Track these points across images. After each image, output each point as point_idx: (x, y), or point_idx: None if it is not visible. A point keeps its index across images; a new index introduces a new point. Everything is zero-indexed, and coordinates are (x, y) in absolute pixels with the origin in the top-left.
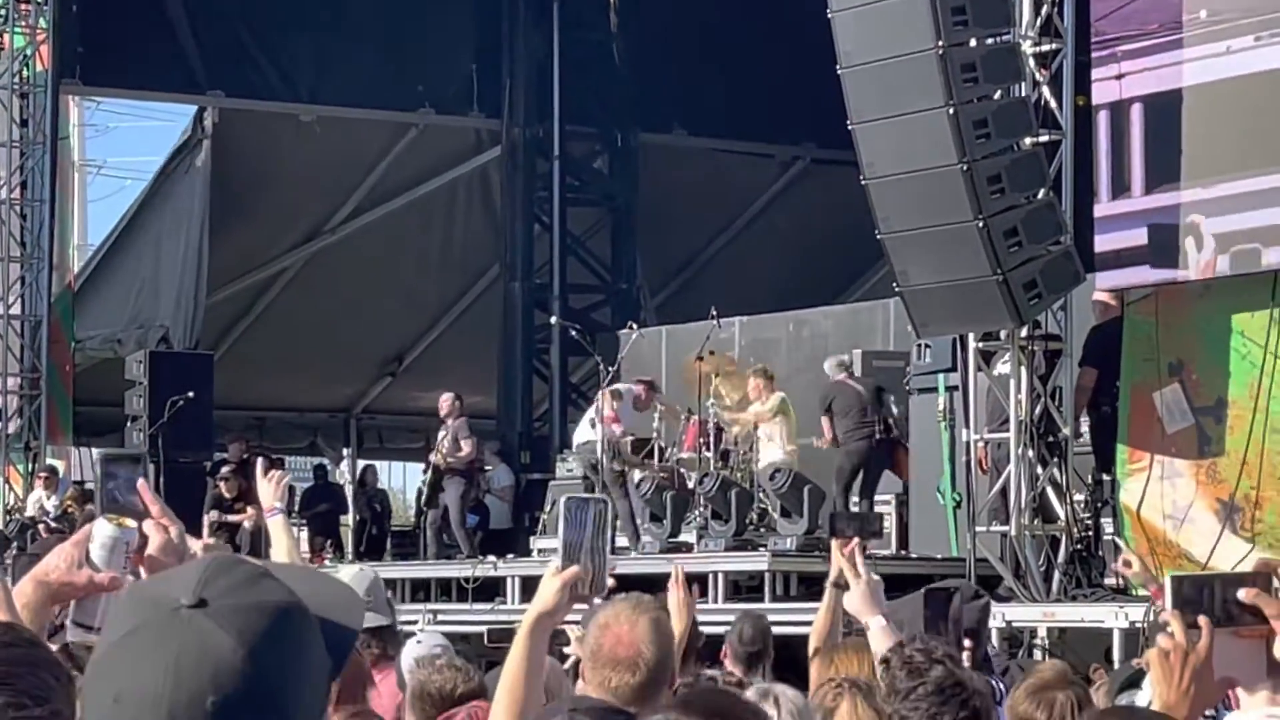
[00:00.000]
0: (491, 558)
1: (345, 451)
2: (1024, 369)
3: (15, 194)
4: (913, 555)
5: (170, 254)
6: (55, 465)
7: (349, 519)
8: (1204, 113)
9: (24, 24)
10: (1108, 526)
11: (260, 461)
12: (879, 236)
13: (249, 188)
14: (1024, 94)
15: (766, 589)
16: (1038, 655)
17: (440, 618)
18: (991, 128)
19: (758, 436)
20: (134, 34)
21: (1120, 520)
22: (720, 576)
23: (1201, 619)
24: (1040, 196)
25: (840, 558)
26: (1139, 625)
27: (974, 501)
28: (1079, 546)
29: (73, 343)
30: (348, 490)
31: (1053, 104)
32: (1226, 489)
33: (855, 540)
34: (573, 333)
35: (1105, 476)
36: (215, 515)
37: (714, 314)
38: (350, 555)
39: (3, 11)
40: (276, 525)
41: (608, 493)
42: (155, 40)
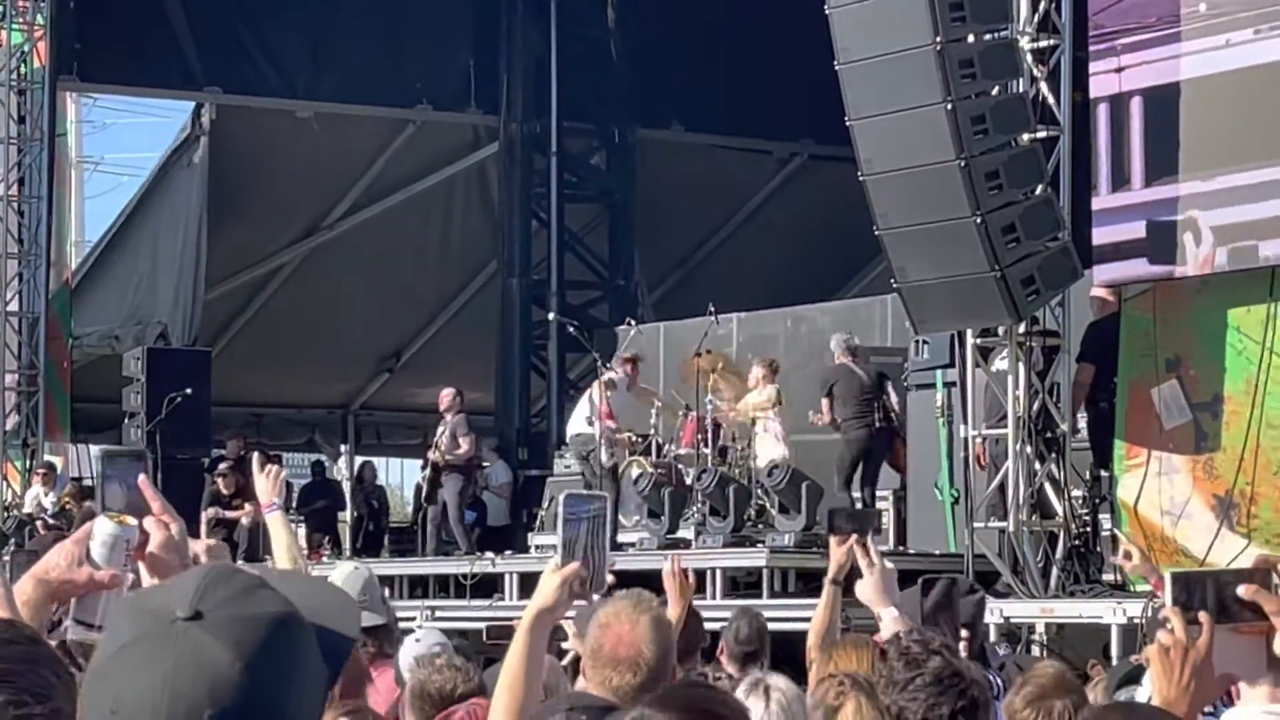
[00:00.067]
0: (489, 554)
1: (343, 448)
2: (1022, 365)
3: (13, 191)
4: (911, 551)
5: (168, 250)
6: (53, 462)
7: (347, 515)
8: (1203, 105)
9: (21, 20)
10: (1105, 522)
11: (256, 456)
12: (877, 232)
13: (246, 184)
14: (1022, 90)
15: (765, 585)
16: (1035, 651)
17: (438, 614)
18: (989, 124)
19: (755, 433)
20: (131, 30)
21: (1118, 516)
22: (718, 573)
23: (1202, 615)
24: (1038, 192)
25: (840, 553)
26: (1137, 621)
27: (972, 497)
28: (1077, 542)
29: (70, 339)
30: (345, 487)
31: (1050, 100)
32: (1223, 485)
33: (854, 537)
34: (570, 329)
35: (1103, 472)
36: (213, 512)
37: (712, 310)
38: (348, 552)
39: (0, 8)
40: (275, 521)
41: (598, 483)
42: (152, 37)
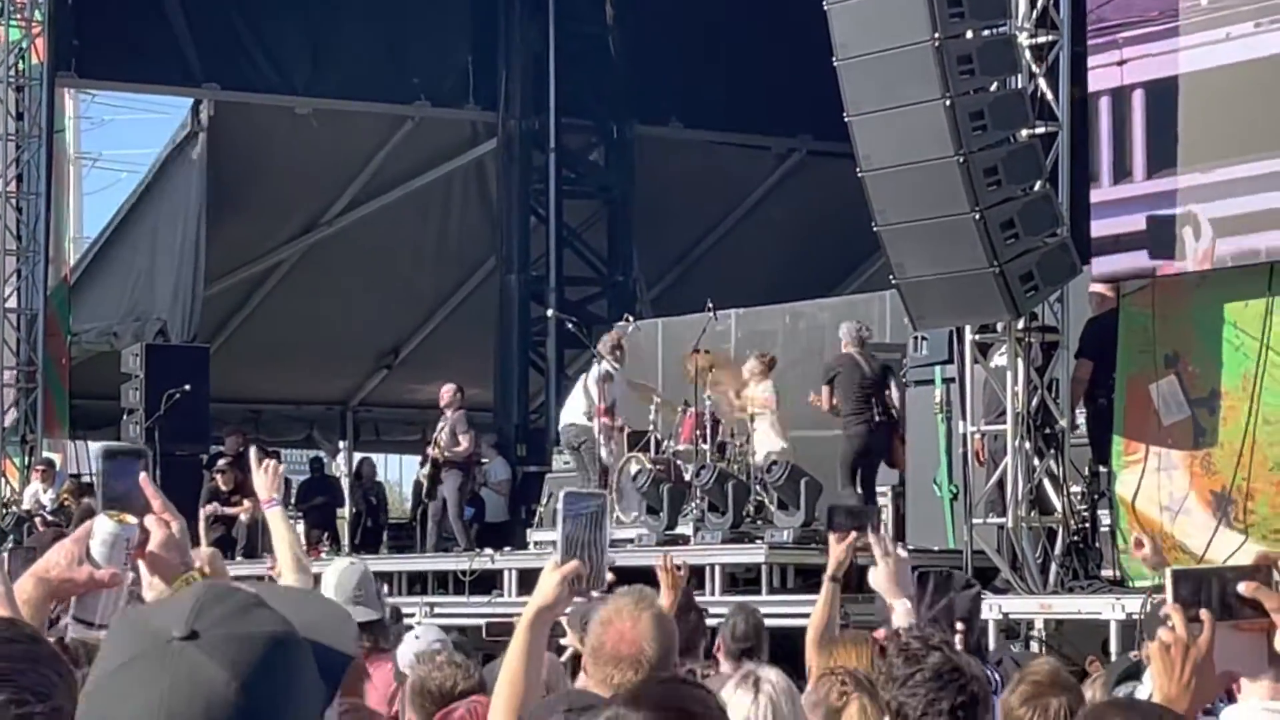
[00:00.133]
0: (488, 550)
1: (341, 444)
2: (1021, 361)
3: (11, 187)
4: (909, 547)
5: (167, 247)
6: (52, 458)
7: (345, 512)
8: (1203, 98)
9: (19, 17)
10: (1104, 518)
11: (254, 451)
12: (875, 228)
13: (245, 181)
14: (1020, 86)
15: (763, 581)
16: (1034, 647)
17: (437, 610)
18: (988, 120)
19: (753, 428)
20: (130, 27)
21: (1116, 512)
22: (717, 569)
23: (1203, 613)
24: (1037, 188)
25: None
26: (1136, 617)
27: (971, 493)
28: (1076, 538)
29: (69, 336)
30: (344, 483)
31: (1049, 96)
32: (1220, 481)
33: (853, 534)
34: (569, 325)
35: (1102, 468)
36: (212, 508)
37: (710, 306)
38: (346, 548)
39: None
40: (275, 517)
41: (586, 472)
42: (151, 33)
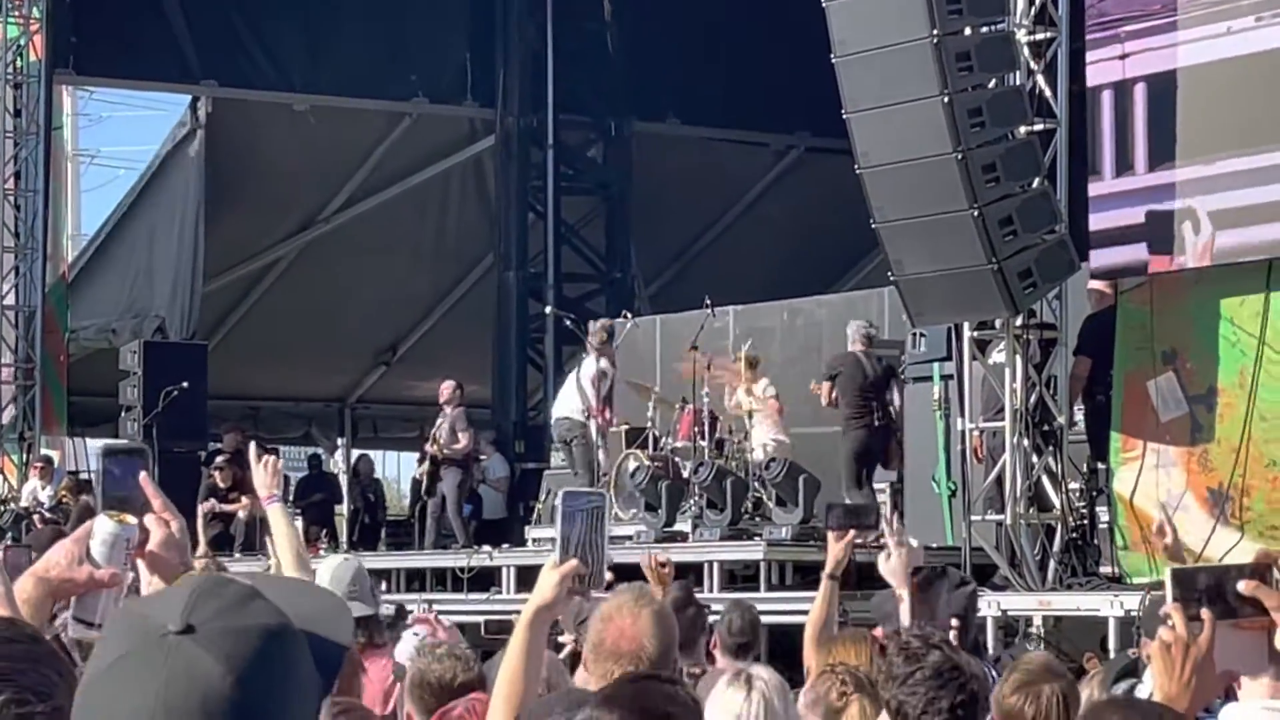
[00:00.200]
0: (487, 547)
1: (340, 441)
2: (1019, 358)
3: (9, 184)
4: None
5: (165, 244)
6: (50, 455)
7: (344, 508)
8: (1204, 92)
9: (18, 14)
10: (1103, 515)
11: (254, 448)
12: (874, 225)
13: (243, 177)
14: (1019, 83)
15: (762, 578)
16: (1032, 645)
17: (435, 607)
18: (986, 117)
19: (752, 425)
20: (127, 24)
21: (1114, 509)
22: (715, 566)
23: (1204, 612)
24: (1035, 185)
25: (839, 548)
26: (1134, 614)
27: (969, 490)
28: (1074, 535)
29: (67, 333)
30: (342, 480)
31: (1047, 92)
32: (1217, 477)
33: (851, 532)
34: (567, 322)
35: (1100, 465)
36: (210, 505)
37: (708, 303)
38: (344, 545)
39: None
40: (275, 513)
41: (575, 468)
42: (149, 30)
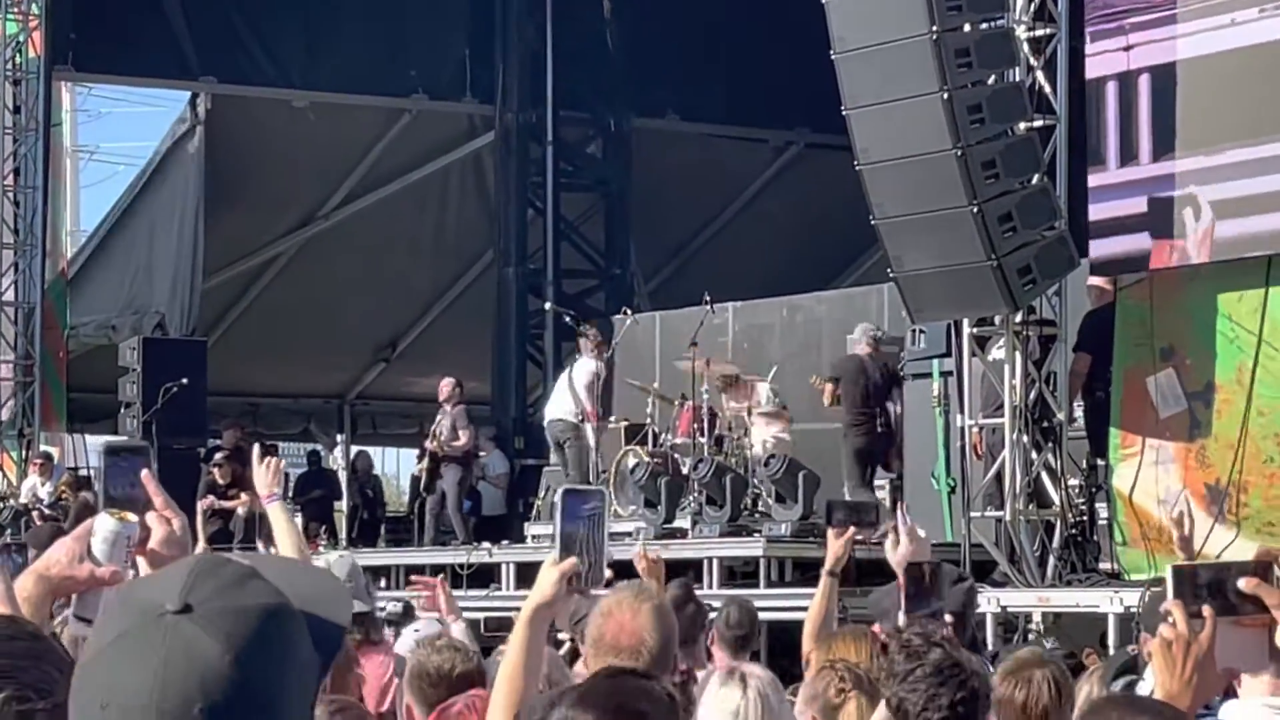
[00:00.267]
0: (486, 544)
1: (339, 437)
2: (1018, 354)
3: (8, 180)
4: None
5: (164, 240)
6: (50, 452)
7: (343, 505)
8: (1207, 83)
9: (17, 10)
10: (1102, 511)
11: (256, 449)
12: (873, 222)
13: (242, 174)
14: (1018, 79)
15: (761, 575)
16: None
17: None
18: (986, 113)
19: (752, 422)
20: (126, 20)
21: (1113, 505)
22: (715, 562)
23: (1205, 609)
24: (1035, 181)
25: (838, 545)
26: (1134, 610)
27: (968, 486)
28: (1074, 531)
29: (66, 329)
30: (341, 476)
31: (1047, 89)
32: (1214, 474)
33: (851, 529)
34: (567, 319)
35: (1100, 462)
36: (209, 501)
37: (708, 299)
38: (344, 541)
39: None
40: (276, 510)
41: (566, 468)
42: (148, 26)
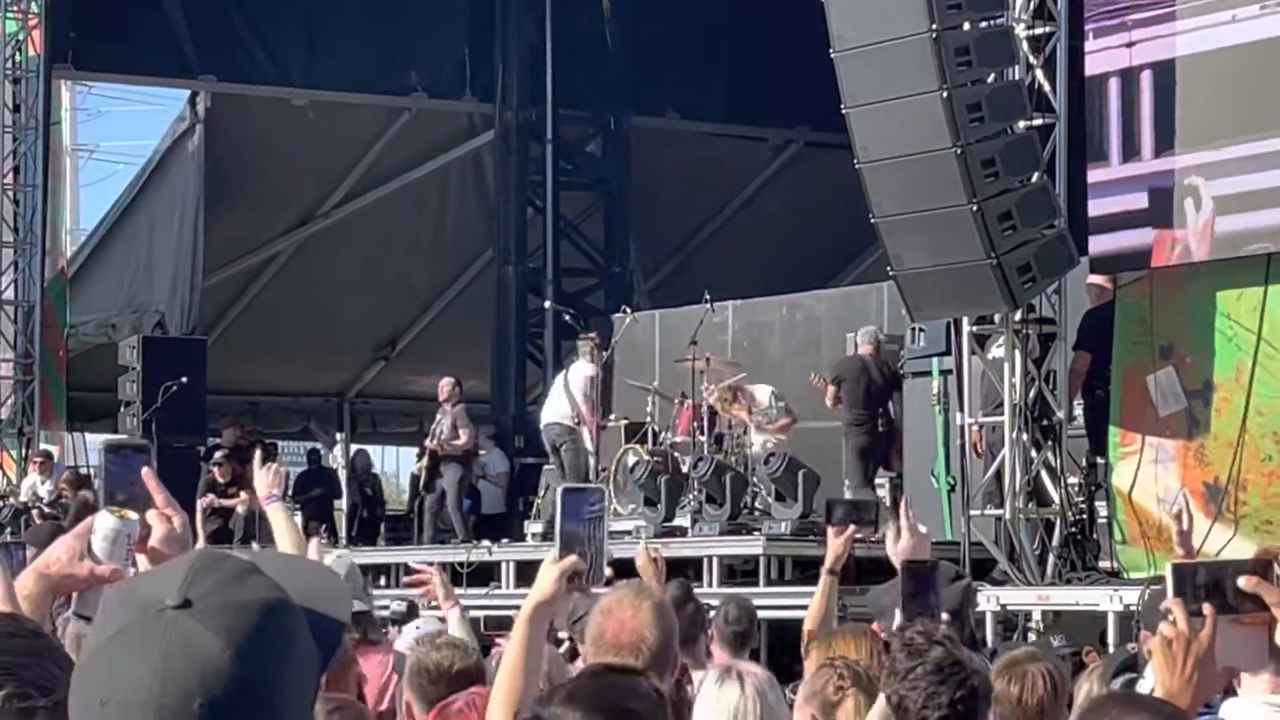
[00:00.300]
0: (486, 542)
1: (339, 436)
2: (1018, 352)
3: (8, 179)
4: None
5: (164, 239)
6: (50, 450)
7: (343, 504)
8: (1209, 79)
9: (16, 9)
10: (1102, 510)
11: (258, 454)
12: (873, 220)
13: (242, 172)
14: (1018, 77)
15: (761, 573)
16: (1032, 638)
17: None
18: (985, 111)
19: (753, 427)
20: (126, 19)
21: (1113, 504)
22: (714, 560)
23: (1206, 607)
24: (1034, 180)
25: (838, 543)
26: (1133, 609)
27: (968, 485)
28: (1073, 530)
29: (66, 328)
30: (341, 475)
31: (1046, 87)
32: (1212, 472)
33: (851, 528)
34: (566, 317)
35: (1099, 460)
36: (209, 500)
37: (707, 298)
38: (343, 540)
39: None
40: (276, 511)
41: (563, 470)
42: (147, 25)
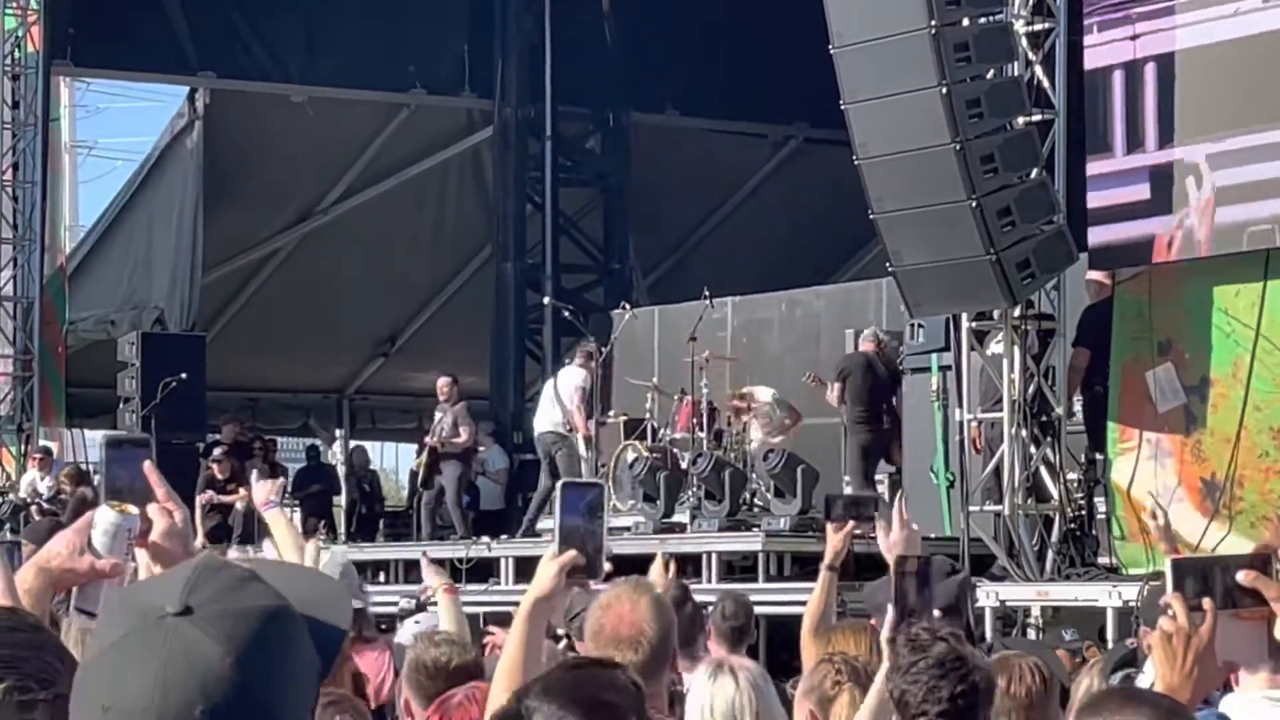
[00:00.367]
0: (485, 539)
1: (338, 432)
2: (1017, 349)
3: (7, 176)
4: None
5: (163, 235)
6: (49, 446)
7: (342, 500)
8: (1212, 71)
9: (15, 5)
10: (1101, 506)
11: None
12: (872, 216)
13: (241, 169)
14: (1017, 73)
15: (760, 569)
16: (1031, 635)
17: (434, 599)
18: (984, 107)
19: (760, 429)
20: (125, 15)
21: (1112, 500)
22: (713, 557)
23: (1205, 602)
24: (1033, 176)
25: (837, 539)
26: (1132, 604)
27: (967, 481)
28: (1072, 526)
29: (65, 324)
30: (340, 471)
31: (1045, 83)
32: (1209, 468)
33: (850, 523)
34: (565, 313)
35: (1098, 456)
36: (208, 496)
37: (706, 294)
38: (342, 536)
39: None
40: (275, 517)
41: (555, 472)
42: (146, 21)
